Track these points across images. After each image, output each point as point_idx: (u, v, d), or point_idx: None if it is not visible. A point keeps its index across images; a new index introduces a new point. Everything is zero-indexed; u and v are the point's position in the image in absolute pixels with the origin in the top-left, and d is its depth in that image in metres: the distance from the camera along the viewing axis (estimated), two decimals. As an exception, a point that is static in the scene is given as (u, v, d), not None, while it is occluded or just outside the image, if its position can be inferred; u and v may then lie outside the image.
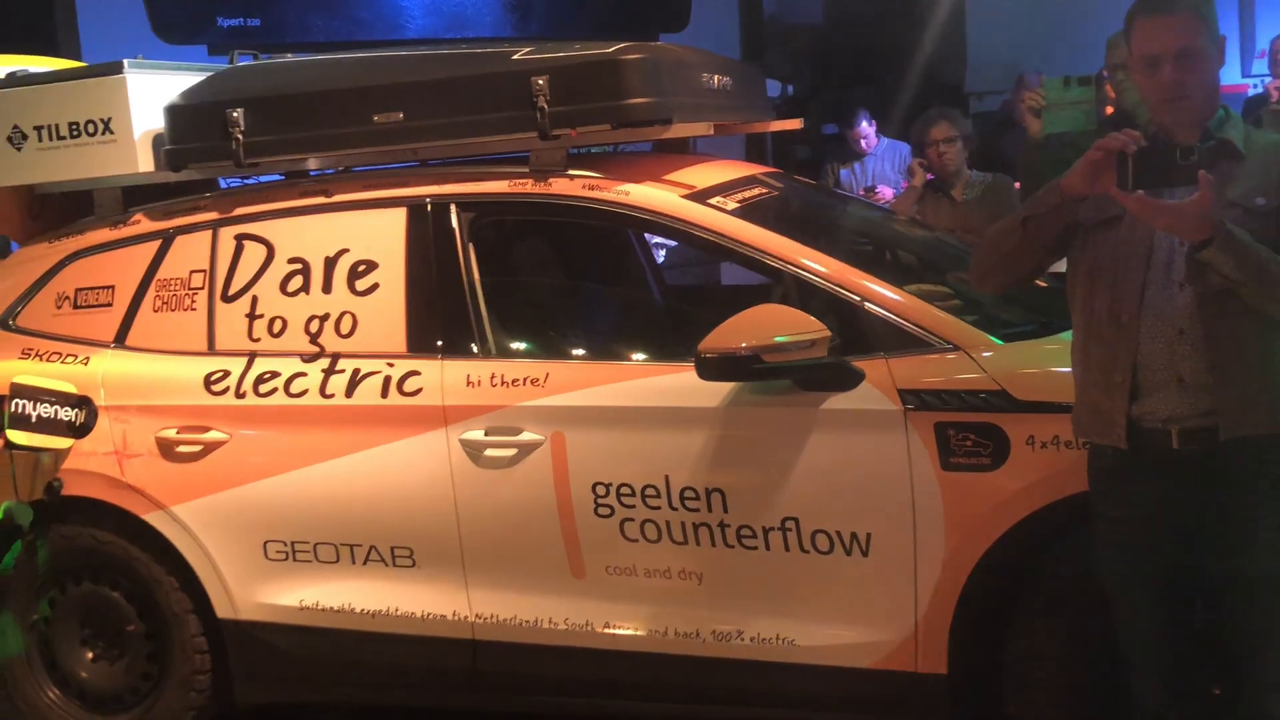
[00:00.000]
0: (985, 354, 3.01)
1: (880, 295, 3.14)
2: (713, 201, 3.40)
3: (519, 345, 3.49)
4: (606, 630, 3.29)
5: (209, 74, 3.82)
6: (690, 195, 3.40)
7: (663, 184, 3.45)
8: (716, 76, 3.85)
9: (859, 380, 3.04)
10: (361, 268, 3.53)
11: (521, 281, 3.95)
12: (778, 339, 3.00)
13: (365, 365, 3.46)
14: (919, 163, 5.14)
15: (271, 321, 3.58)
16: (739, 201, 3.46)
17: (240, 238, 3.68)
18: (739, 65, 4.28)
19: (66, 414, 3.63)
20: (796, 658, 3.15)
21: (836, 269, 3.19)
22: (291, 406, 3.48)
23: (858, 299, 3.13)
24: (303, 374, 3.50)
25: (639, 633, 3.27)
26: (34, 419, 3.60)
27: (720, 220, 3.31)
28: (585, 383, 3.29)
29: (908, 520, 3.02)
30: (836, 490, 3.08)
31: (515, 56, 3.41)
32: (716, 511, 3.16)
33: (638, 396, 3.24)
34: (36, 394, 3.61)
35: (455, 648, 3.40)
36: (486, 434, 3.32)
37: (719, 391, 3.13)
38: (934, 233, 4.38)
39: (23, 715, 3.80)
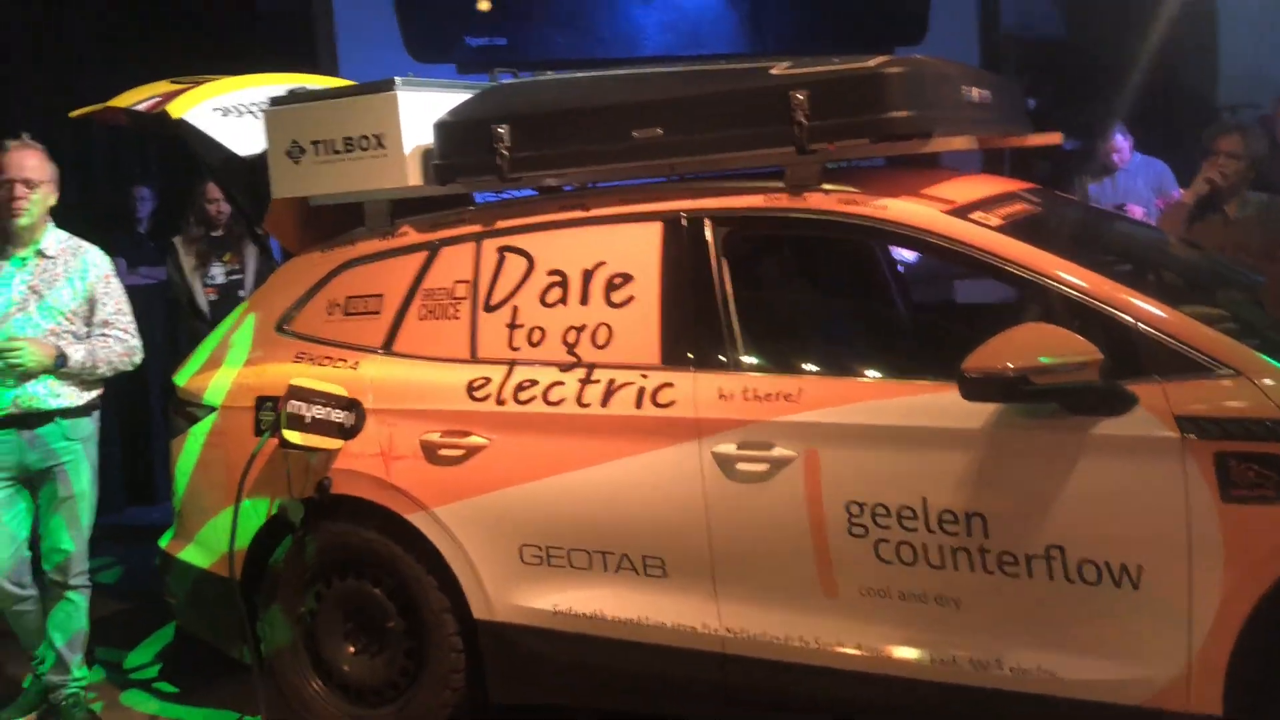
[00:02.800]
0: (1268, 380, 2.86)
1: (1155, 316, 3.01)
2: (974, 217, 3.33)
3: (771, 360, 3.49)
4: (859, 652, 3.25)
5: (475, 91, 3.95)
6: (951, 211, 3.34)
7: (921, 199, 3.40)
8: (975, 89, 3.78)
9: (1132, 405, 2.93)
10: (617, 280, 3.60)
11: (773, 296, 3.95)
12: (1045, 360, 2.91)
13: (620, 376, 3.51)
14: (1203, 178, 4.78)
15: (531, 331, 3.68)
16: (1002, 217, 3.37)
17: (502, 250, 3.79)
18: (997, 78, 4.19)
19: (337, 416, 3.80)
20: (1058, 690, 3.04)
21: (1108, 288, 3.08)
22: (549, 414, 3.56)
23: (1130, 320, 3.01)
24: (560, 383, 3.58)
25: (892, 656, 3.22)
26: (307, 420, 3.79)
27: (985, 236, 3.24)
28: (839, 399, 3.26)
29: (1183, 553, 2.89)
30: (1106, 519, 2.97)
31: (774, 71, 3.41)
32: (976, 536, 3.09)
33: (894, 415, 3.20)
34: (310, 396, 3.80)
35: (704, 660, 3.42)
36: (739, 448, 3.33)
37: (981, 412, 3.06)
38: (1205, 251, 4.20)
39: (289, 704, 3.99)
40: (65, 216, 7.07)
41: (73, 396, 4.19)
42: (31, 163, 4.15)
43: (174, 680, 4.63)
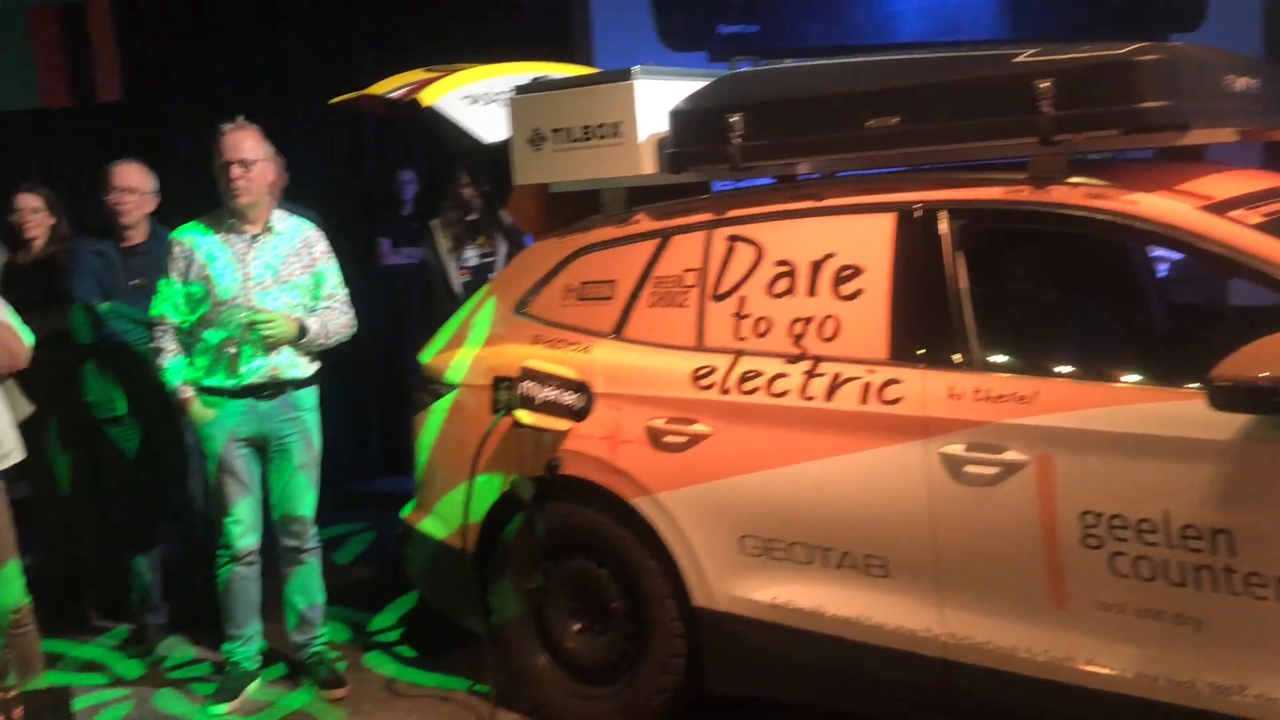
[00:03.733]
0: None
1: None
2: (1234, 215, 3.11)
3: (1006, 360, 3.35)
4: (1090, 668, 3.09)
5: (711, 80, 3.95)
6: (1208, 207, 3.13)
7: (1175, 194, 3.19)
8: (1241, 78, 3.52)
9: (1401, 422, 2.69)
10: (847, 272, 3.53)
11: (1011, 293, 3.80)
12: (1303, 371, 2.70)
13: (846, 370, 3.45)
14: None
15: (757, 321, 3.65)
16: (1265, 215, 3.14)
17: (732, 239, 3.78)
18: (1269, 66, 3.91)
19: (568, 398, 3.88)
20: (1308, 723, 2.83)
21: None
22: (773, 406, 3.53)
23: (1407, 330, 2.76)
24: (785, 374, 3.54)
25: (1126, 675, 3.05)
26: (539, 401, 3.88)
27: (1242, 236, 3.02)
28: (1078, 404, 3.11)
29: None
30: (1367, 543, 2.74)
31: (1017, 59, 3.27)
32: (1222, 554, 2.90)
33: (1136, 422, 3.02)
34: (543, 378, 3.89)
35: (925, 664, 3.33)
36: (967, 449, 3.22)
37: (1231, 424, 2.86)
38: None
39: (515, 677, 4.11)
40: (338, 197, 7.50)
41: (306, 367, 4.45)
42: (248, 144, 4.36)
43: (413, 645, 4.83)
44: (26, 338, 3.96)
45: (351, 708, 4.31)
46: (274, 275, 4.36)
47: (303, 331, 4.34)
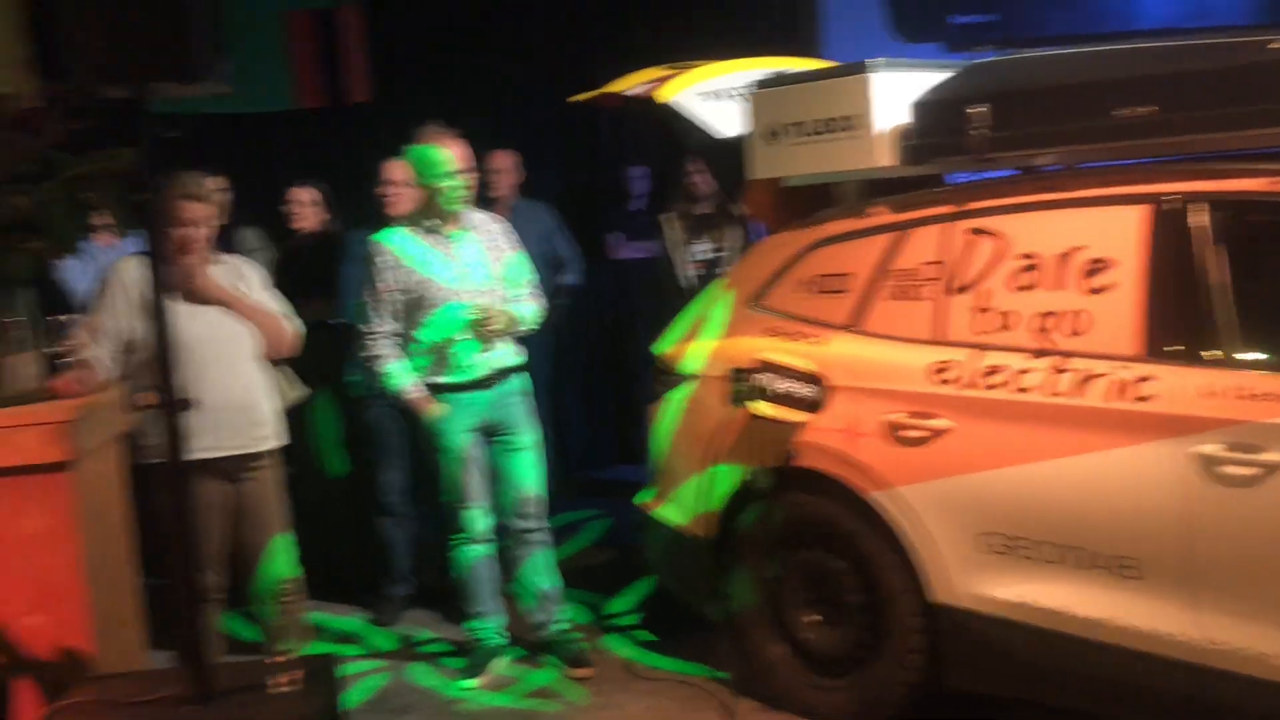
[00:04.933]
0: None
1: None
2: None
3: (1269, 357, 3.22)
4: (1356, 677, 2.97)
5: (951, 71, 3.92)
6: None
7: None
8: None
9: None
10: (1096, 266, 3.45)
11: (1273, 289, 3.64)
12: None
13: (1095, 366, 3.37)
14: None
15: (1000, 315, 3.61)
16: None
17: (974, 232, 3.74)
18: None
19: (804, 391, 3.91)
20: None
21: None
22: (1017, 401, 3.49)
23: None
24: (1030, 370, 3.49)
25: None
26: (776, 393, 3.93)
27: None
28: (1346, 402, 2.97)
29: None
30: None
31: (1272, 45, 3.14)
32: None
33: None
34: (779, 370, 3.94)
35: (1178, 669, 3.23)
36: (1226, 449, 3.11)
37: None
38: None
39: (751, 665, 4.18)
40: (571, 192, 7.69)
41: (519, 355, 4.63)
42: (465, 151, 4.53)
43: (650, 630, 4.95)
44: (295, 325, 4.24)
45: (592, 687, 4.45)
46: (480, 270, 4.53)
47: (515, 321, 4.51)
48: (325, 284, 5.31)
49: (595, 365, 7.84)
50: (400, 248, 4.48)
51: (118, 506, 3.83)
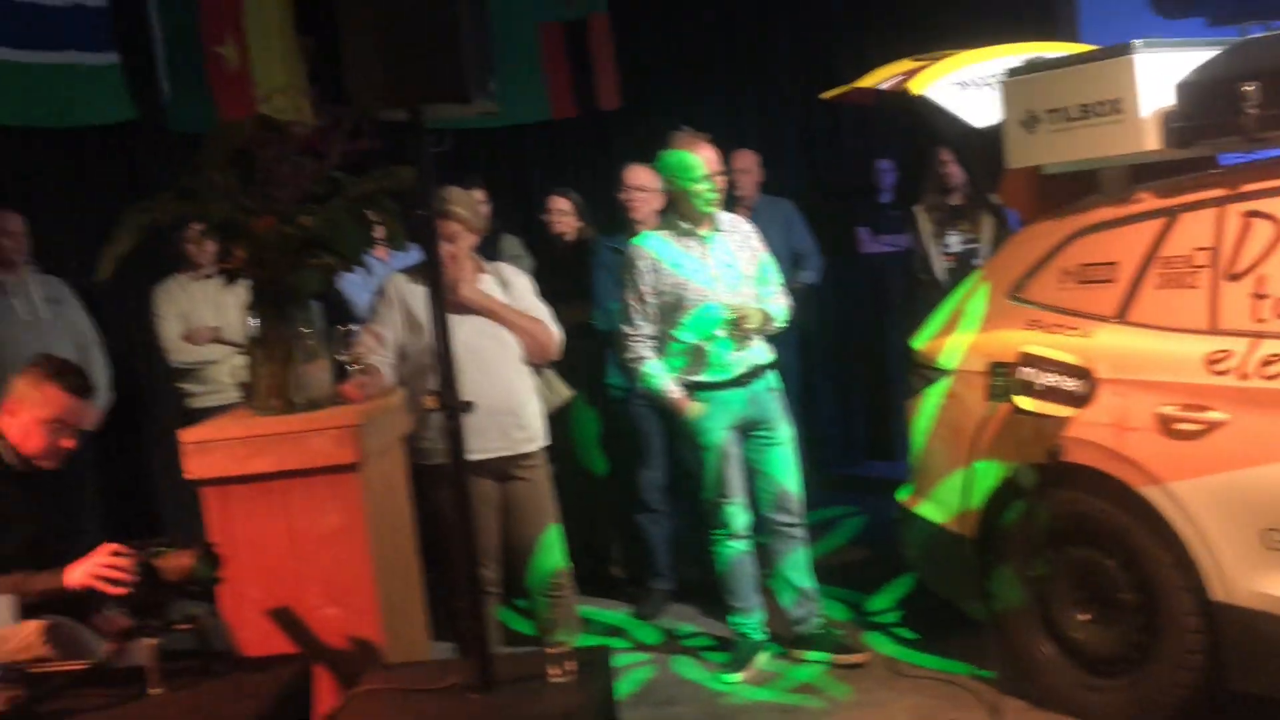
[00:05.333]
0: None
1: None
2: None
3: None
4: None
5: (1217, 49, 3.76)
6: None
7: None
8: None
9: None
10: (1385, 246, 3.26)
11: None
12: None
13: (1389, 352, 3.19)
14: None
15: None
16: None
17: (1247, 215, 3.57)
18: None
19: (1069, 384, 3.82)
20: None
21: None
22: (1300, 392, 3.32)
23: None
24: (1313, 358, 3.32)
25: None
26: (1039, 387, 3.85)
27: None
28: None
29: None
30: None
31: None
32: None
33: None
34: (1042, 364, 3.85)
35: None
36: None
37: None
38: None
39: (1019, 663, 4.10)
40: (816, 188, 7.68)
41: (771, 353, 4.67)
42: (716, 155, 4.60)
43: (912, 627, 4.91)
44: (558, 331, 4.41)
45: (856, 684, 4.46)
46: (734, 270, 4.58)
47: (768, 319, 4.56)
48: (583, 289, 5.49)
49: (847, 361, 7.80)
50: (657, 251, 4.58)
51: (401, 505, 4.07)
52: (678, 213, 4.63)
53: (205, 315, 5.68)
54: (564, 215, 5.90)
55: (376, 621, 3.66)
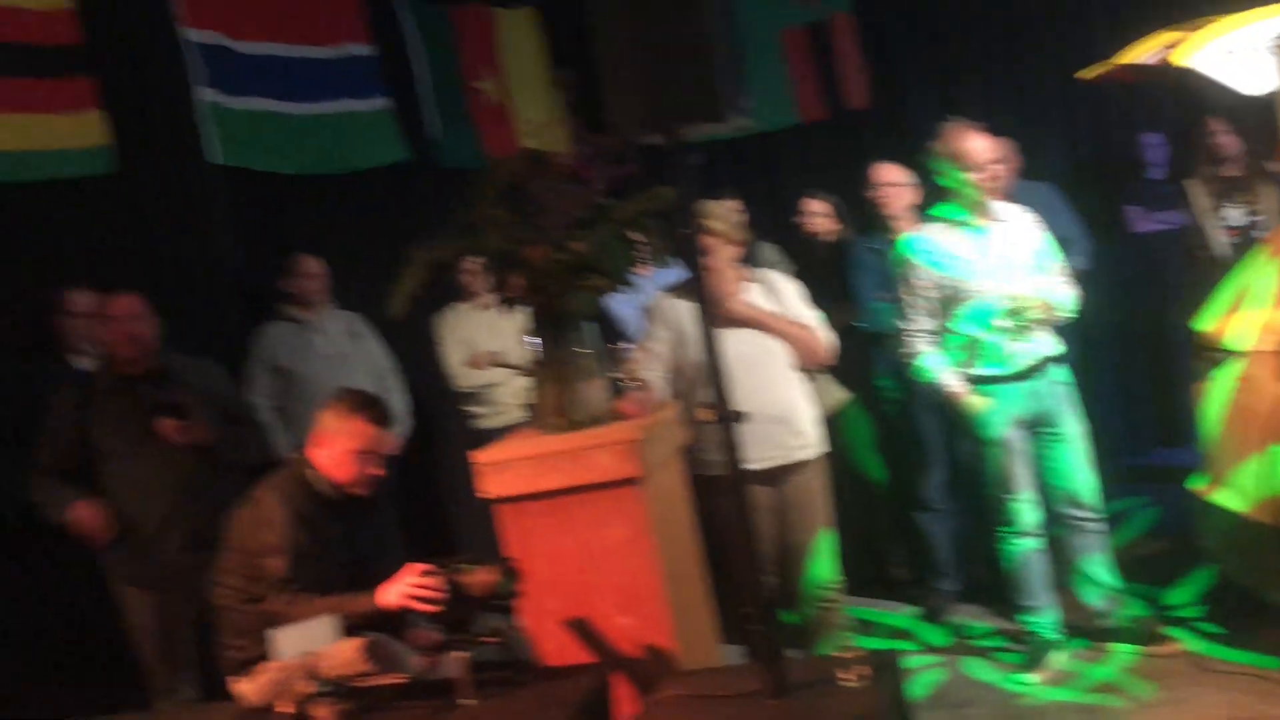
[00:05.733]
0: None
1: None
2: None
3: None
4: None
5: None
6: None
7: None
8: None
9: None
10: None
11: None
12: None
13: None
14: None
15: None
16: None
17: None
18: None
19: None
20: None
21: None
22: None
23: None
24: None
25: None
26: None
27: None
28: None
29: None
30: None
31: None
32: None
33: None
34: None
35: None
36: None
37: None
38: None
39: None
40: (1079, 170, 7.42)
41: (1058, 343, 4.53)
42: (990, 143, 4.51)
43: (1216, 622, 4.69)
44: (829, 336, 4.43)
45: (1160, 681, 4.29)
46: (1012, 260, 4.48)
47: (1051, 309, 4.45)
48: (843, 291, 5.48)
49: (1127, 347, 7.49)
50: (933, 243, 4.55)
51: (683, 515, 4.18)
52: (952, 204, 4.58)
53: (484, 341, 5.96)
54: (819, 217, 5.91)
55: (668, 629, 3.77)
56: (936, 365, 4.53)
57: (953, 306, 4.49)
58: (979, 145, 4.48)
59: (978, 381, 4.49)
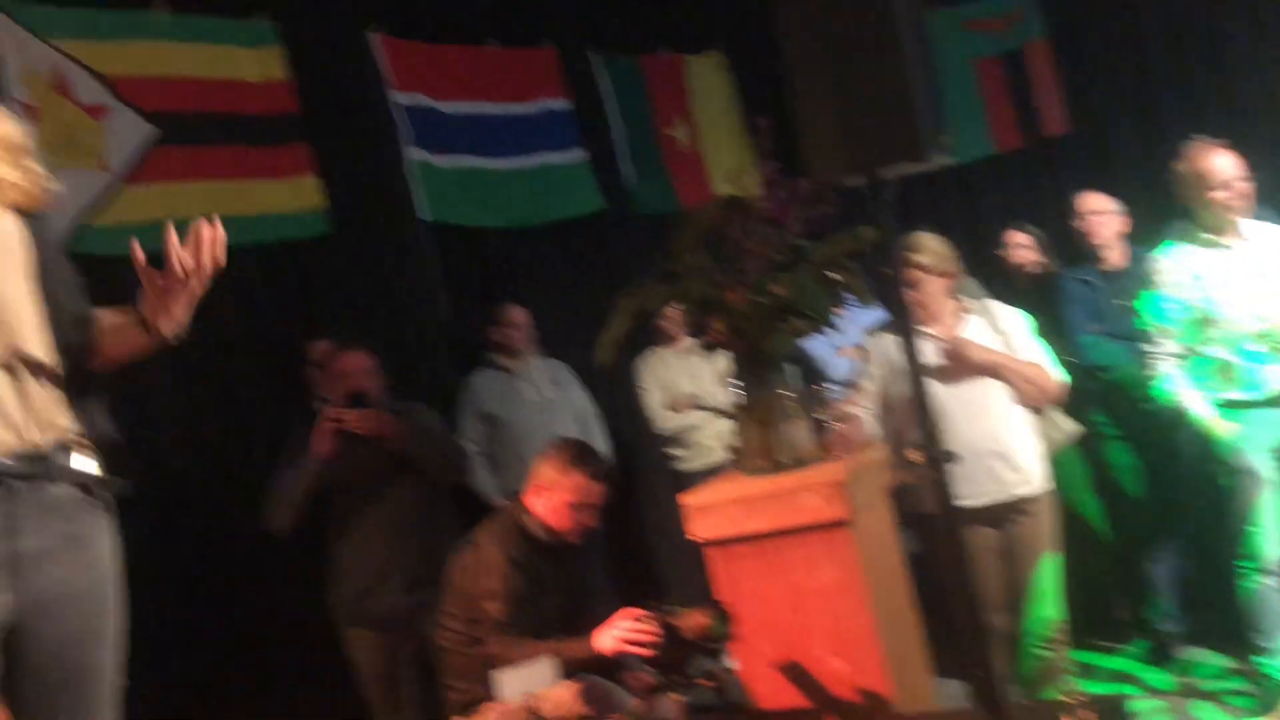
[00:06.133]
0: None
1: None
2: None
3: None
4: None
5: None
6: None
7: None
8: None
9: None
10: None
11: None
12: None
13: None
14: None
15: None
16: None
17: None
18: None
19: None
20: None
21: None
22: None
23: None
24: None
25: None
26: None
27: None
28: None
29: None
30: None
31: None
32: None
33: None
34: None
35: None
36: None
37: None
38: None
39: None
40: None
41: None
42: (1235, 161, 4.35)
43: None
44: (1058, 373, 4.30)
45: None
46: (1266, 280, 4.30)
47: None
48: (1051, 325, 5.34)
49: None
50: (1181, 261, 4.43)
51: (893, 555, 4.13)
52: (1197, 224, 4.44)
53: (683, 384, 6.03)
54: (1023, 249, 5.79)
55: (882, 672, 3.72)
56: (1183, 390, 4.39)
57: (1202, 330, 4.36)
58: (1222, 162, 4.35)
59: (1227, 407, 4.33)
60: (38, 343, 2.13)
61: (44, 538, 2.09)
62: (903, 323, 3.36)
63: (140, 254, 2.16)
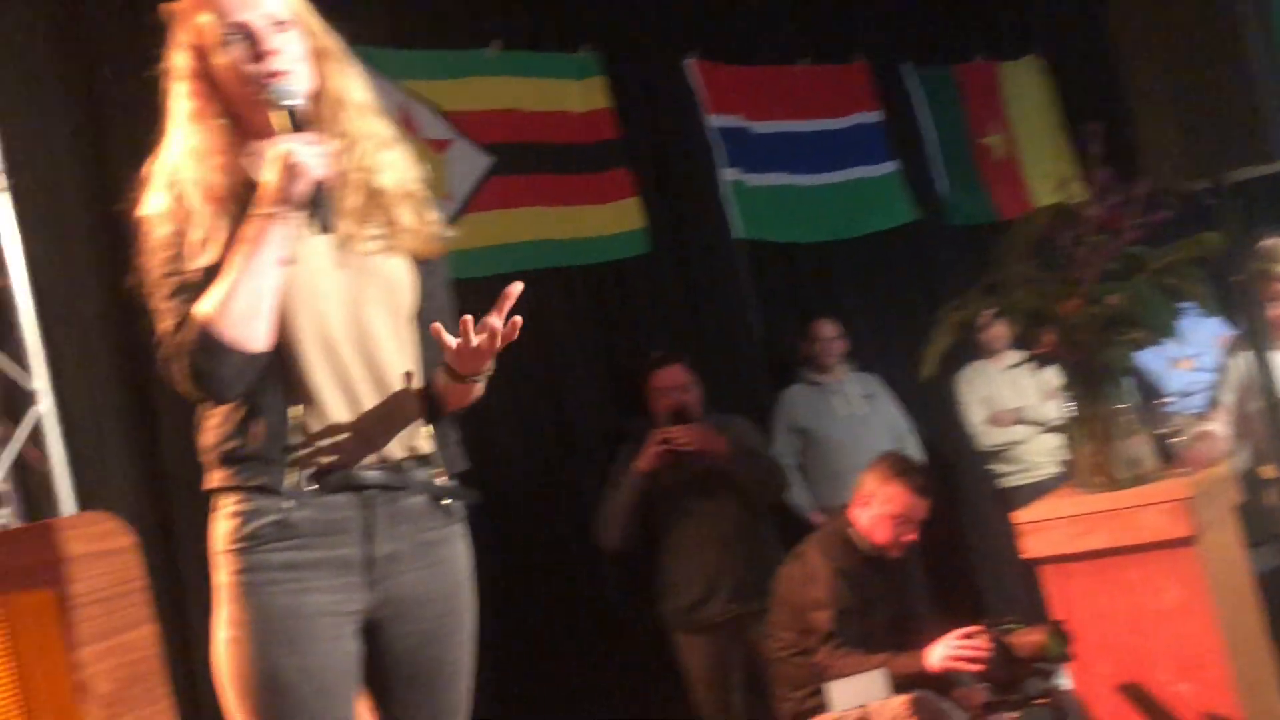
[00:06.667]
0: None
1: None
2: None
3: None
4: None
5: None
6: None
7: None
8: None
9: None
10: None
11: None
12: None
13: None
14: None
15: None
16: None
17: None
18: None
19: None
20: None
21: None
22: None
23: None
24: None
25: None
26: None
27: None
28: None
29: None
30: None
31: None
32: None
33: None
34: None
35: None
36: None
37: None
38: None
39: None
40: None
41: None
42: None
43: None
44: None
45: None
46: None
47: None
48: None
49: None
50: None
51: (1242, 575, 3.92)
52: None
53: (1006, 398, 5.89)
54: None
55: (1232, 697, 3.55)
56: None
57: None
58: None
59: None
60: (401, 378, 2.25)
61: (396, 543, 2.24)
62: (1257, 336, 3.20)
63: (513, 295, 2.16)
